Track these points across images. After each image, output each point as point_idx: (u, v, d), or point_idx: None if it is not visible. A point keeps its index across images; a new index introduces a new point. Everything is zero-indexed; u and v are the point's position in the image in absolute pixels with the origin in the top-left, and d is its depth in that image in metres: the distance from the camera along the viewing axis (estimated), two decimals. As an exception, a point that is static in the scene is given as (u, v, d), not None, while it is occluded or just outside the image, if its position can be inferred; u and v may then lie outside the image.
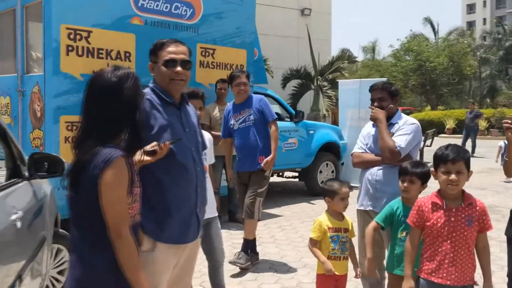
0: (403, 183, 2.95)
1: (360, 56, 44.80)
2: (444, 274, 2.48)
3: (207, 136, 3.72)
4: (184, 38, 5.99)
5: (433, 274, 2.51)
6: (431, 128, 18.73)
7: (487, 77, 45.79)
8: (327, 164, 8.41)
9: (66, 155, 3.38)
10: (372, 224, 3.04)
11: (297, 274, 4.55)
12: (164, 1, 5.85)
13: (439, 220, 2.48)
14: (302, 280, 4.37)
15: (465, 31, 49.99)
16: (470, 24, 71.99)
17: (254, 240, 4.94)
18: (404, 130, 3.31)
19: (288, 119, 7.99)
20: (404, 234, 2.87)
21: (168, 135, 2.32)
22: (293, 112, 8.11)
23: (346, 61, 17.56)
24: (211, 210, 3.55)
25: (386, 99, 3.38)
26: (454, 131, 23.61)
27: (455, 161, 2.47)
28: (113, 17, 5.43)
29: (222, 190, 6.49)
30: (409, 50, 32.15)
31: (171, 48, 2.44)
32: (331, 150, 8.52)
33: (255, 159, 4.76)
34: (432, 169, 2.60)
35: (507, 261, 3.03)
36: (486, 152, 16.55)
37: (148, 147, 2.22)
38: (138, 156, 2.19)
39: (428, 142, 13.94)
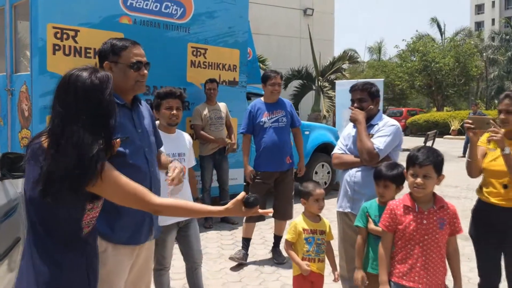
0: (378, 188, 2.88)
1: (366, 57, 44.66)
2: (416, 278, 2.42)
3: (186, 137, 3.66)
4: (174, 38, 6.02)
5: (404, 277, 2.44)
6: (436, 129, 18.61)
7: (495, 78, 45.49)
8: (323, 165, 8.33)
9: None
10: (360, 236, 2.95)
11: (282, 276, 4.49)
12: (153, 0, 5.82)
13: (411, 223, 2.41)
14: (287, 282, 4.30)
15: (472, 31, 49.69)
16: (479, 25, 71.60)
17: (249, 239, 5.02)
18: (384, 131, 3.24)
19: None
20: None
21: (119, 136, 2.27)
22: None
23: (347, 62, 17.45)
24: None
25: (366, 100, 3.31)
26: (459, 132, 23.38)
27: (423, 164, 2.40)
28: (101, 16, 5.39)
29: (213, 191, 6.43)
30: (415, 51, 31.95)
31: (136, 51, 2.38)
32: (327, 151, 8.41)
33: (283, 159, 4.87)
34: (404, 170, 2.53)
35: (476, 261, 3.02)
36: (489, 153, 16.38)
37: None
38: None
39: (429, 143, 13.83)
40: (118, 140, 2.17)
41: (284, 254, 4.87)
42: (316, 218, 3.13)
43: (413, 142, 16.04)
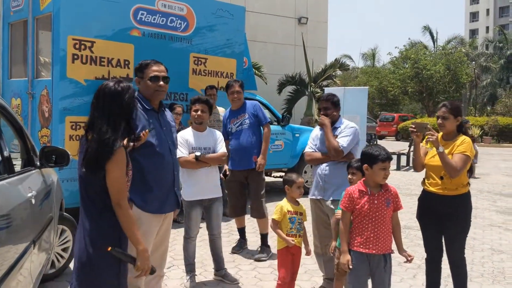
0: (348, 175, 3.64)
1: (360, 63, 45.44)
2: (370, 246, 3.12)
3: (216, 134, 4.49)
4: (178, 48, 6.76)
5: (361, 246, 3.14)
6: (424, 134, 19.33)
7: (487, 85, 46.37)
8: (311, 166, 9.03)
9: (71, 150, 4.05)
10: (336, 216, 3.59)
11: (269, 258, 5.19)
12: (160, 15, 6.53)
13: (365, 203, 3.12)
14: (274, 263, 5.00)
15: (463, 39, 50.62)
16: (473, 32, 72.48)
17: (267, 233, 5.45)
18: (345, 132, 4.04)
19: (276, 123, 8.62)
20: None
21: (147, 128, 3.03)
22: (280, 116, 8.76)
23: (338, 69, 18.24)
24: (215, 191, 4.40)
25: (330, 108, 4.11)
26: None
27: (390, 159, 3.13)
28: (114, 29, 6.10)
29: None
30: (407, 58, 32.78)
31: (155, 67, 3.16)
32: (316, 152, 9.13)
33: (250, 158, 5.34)
34: (365, 165, 3.20)
35: (423, 244, 3.74)
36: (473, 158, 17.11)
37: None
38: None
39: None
40: (146, 130, 2.91)
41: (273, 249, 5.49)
42: (296, 202, 3.85)
43: (403, 147, 16.79)
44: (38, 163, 3.72)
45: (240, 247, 5.51)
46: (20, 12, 6.50)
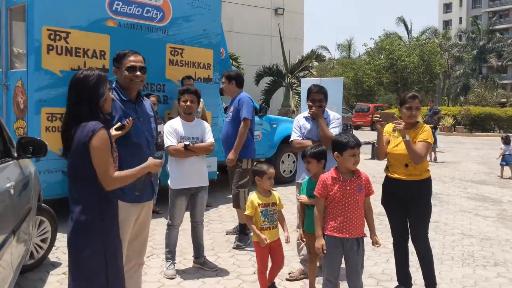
0: (305, 164, 3.79)
1: (336, 54, 45.75)
2: (344, 230, 3.24)
3: (204, 124, 4.56)
4: (154, 39, 6.75)
5: (335, 231, 3.26)
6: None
7: (460, 76, 47.32)
8: (288, 155, 9.18)
9: (47, 141, 4.04)
10: (300, 201, 3.80)
11: (248, 246, 5.28)
12: (136, 5, 6.50)
13: (338, 189, 3.23)
14: (252, 250, 5.09)
15: (437, 30, 51.43)
16: (447, 23, 73.56)
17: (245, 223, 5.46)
18: (335, 123, 4.26)
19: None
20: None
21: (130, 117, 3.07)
22: (258, 107, 8.82)
23: (314, 60, 18.40)
24: (202, 179, 4.47)
25: (324, 100, 4.23)
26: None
27: (359, 145, 3.24)
28: (89, 20, 6.06)
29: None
30: (382, 49, 33.16)
31: (132, 58, 3.18)
32: (293, 142, 9.27)
33: (228, 151, 5.41)
34: (335, 153, 3.30)
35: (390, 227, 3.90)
36: (446, 147, 17.55)
37: (116, 126, 2.97)
38: (112, 132, 2.93)
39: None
40: (130, 119, 2.96)
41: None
42: (268, 193, 3.88)
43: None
44: (15, 154, 3.73)
45: (247, 240, 5.40)
46: (-8, 2, 6.39)
